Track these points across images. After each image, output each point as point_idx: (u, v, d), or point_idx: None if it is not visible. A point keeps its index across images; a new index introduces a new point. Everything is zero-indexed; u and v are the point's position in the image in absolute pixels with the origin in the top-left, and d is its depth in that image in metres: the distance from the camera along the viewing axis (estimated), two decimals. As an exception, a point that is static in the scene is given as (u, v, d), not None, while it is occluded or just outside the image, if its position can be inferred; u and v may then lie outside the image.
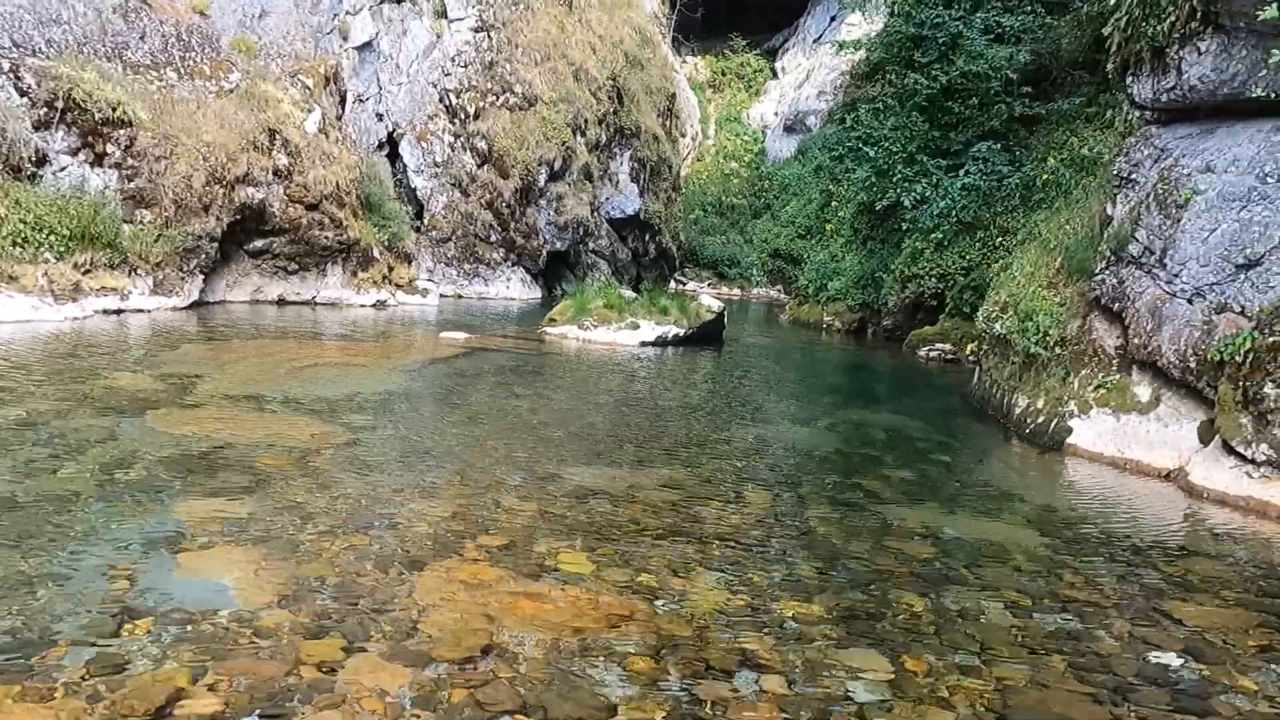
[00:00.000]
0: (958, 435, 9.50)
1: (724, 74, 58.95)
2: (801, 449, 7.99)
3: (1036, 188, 15.92)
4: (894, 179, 17.79)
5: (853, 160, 20.30)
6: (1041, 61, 18.95)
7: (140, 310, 12.90)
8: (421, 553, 4.37)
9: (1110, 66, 9.46)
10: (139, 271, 13.18)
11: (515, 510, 5.25)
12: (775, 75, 58.03)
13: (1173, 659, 3.90)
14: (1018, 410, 9.54)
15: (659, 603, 4.04)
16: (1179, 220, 7.91)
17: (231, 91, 15.40)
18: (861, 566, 4.83)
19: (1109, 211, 9.40)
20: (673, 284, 34.70)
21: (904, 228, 18.79)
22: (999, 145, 17.39)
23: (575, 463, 6.59)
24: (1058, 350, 9.29)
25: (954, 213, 16.80)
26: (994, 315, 10.81)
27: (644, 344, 14.79)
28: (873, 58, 25.01)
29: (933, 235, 17.66)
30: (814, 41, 53.59)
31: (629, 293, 17.48)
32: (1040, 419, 8.97)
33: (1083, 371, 8.84)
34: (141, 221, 13.37)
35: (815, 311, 24.33)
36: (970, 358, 15.96)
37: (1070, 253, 10.06)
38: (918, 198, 17.25)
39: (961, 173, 16.93)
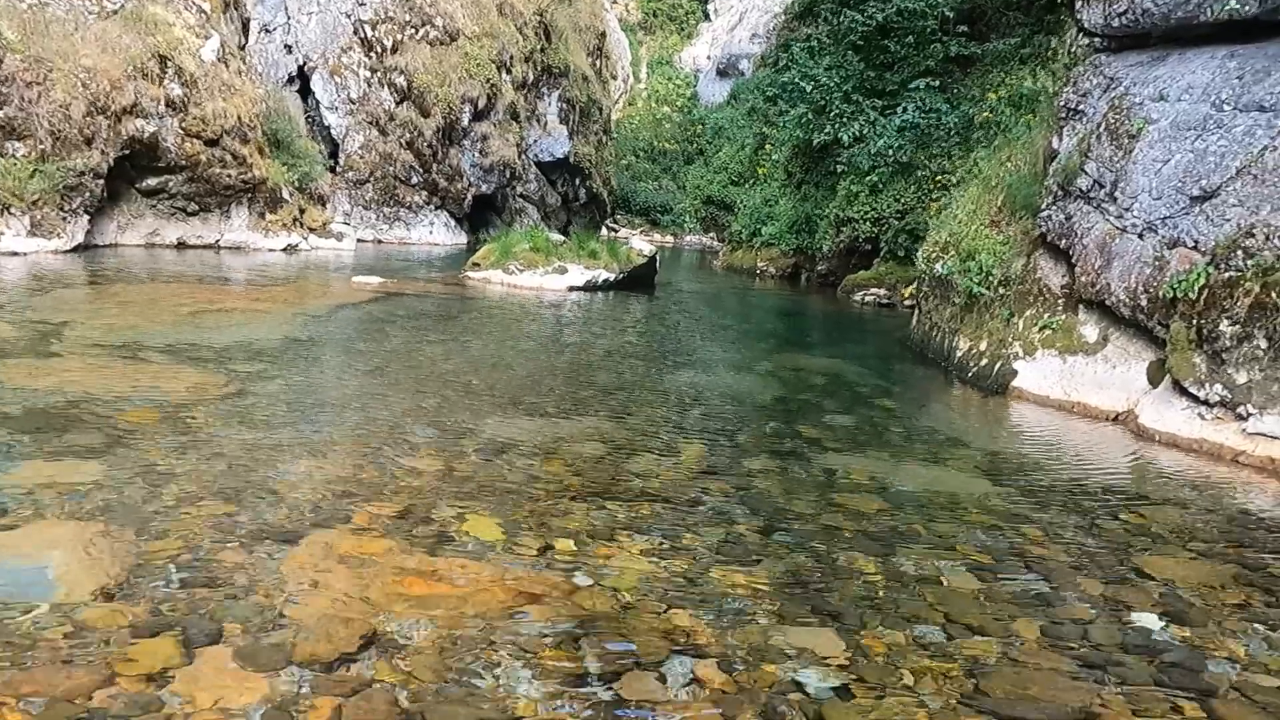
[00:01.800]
0: (898, 379, 9.13)
1: (655, 15, 57.69)
2: (738, 396, 7.48)
3: (975, 127, 15.57)
4: (831, 115, 17.25)
5: (788, 98, 19.71)
6: (977, 1, 18.56)
7: (14, 253, 11.72)
8: (299, 523, 3.72)
9: (1060, -10, 8.99)
10: (12, 210, 11.95)
11: (417, 469, 4.61)
12: (708, 17, 57.00)
13: (1153, 622, 3.50)
14: (959, 353, 9.19)
15: (578, 576, 3.47)
16: (1131, 151, 7.52)
17: (115, 13, 14.01)
18: (807, 525, 4.34)
19: (1054, 145, 9.00)
20: (604, 231, 33.92)
21: (839, 170, 18.36)
22: (936, 84, 16.98)
23: (491, 414, 5.97)
24: (1001, 290, 8.92)
25: (891, 153, 16.37)
26: (934, 256, 10.41)
27: (572, 289, 14.13)
28: (806, -4, 24.35)
29: (868, 178, 17.25)
30: (747, -18, 52.63)
31: (557, 236, 16.75)
32: (984, 362, 8.62)
33: (1027, 312, 8.49)
34: (13, 155, 12.10)
35: (749, 257, 23.89)
36: (906, 302, 15.69)
37: (1013, 190, 9.67)
38: (855, 135, 16.77)
39: (899, 110, 16.48)
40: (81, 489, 3.87)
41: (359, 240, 20.10)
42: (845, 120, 17.03)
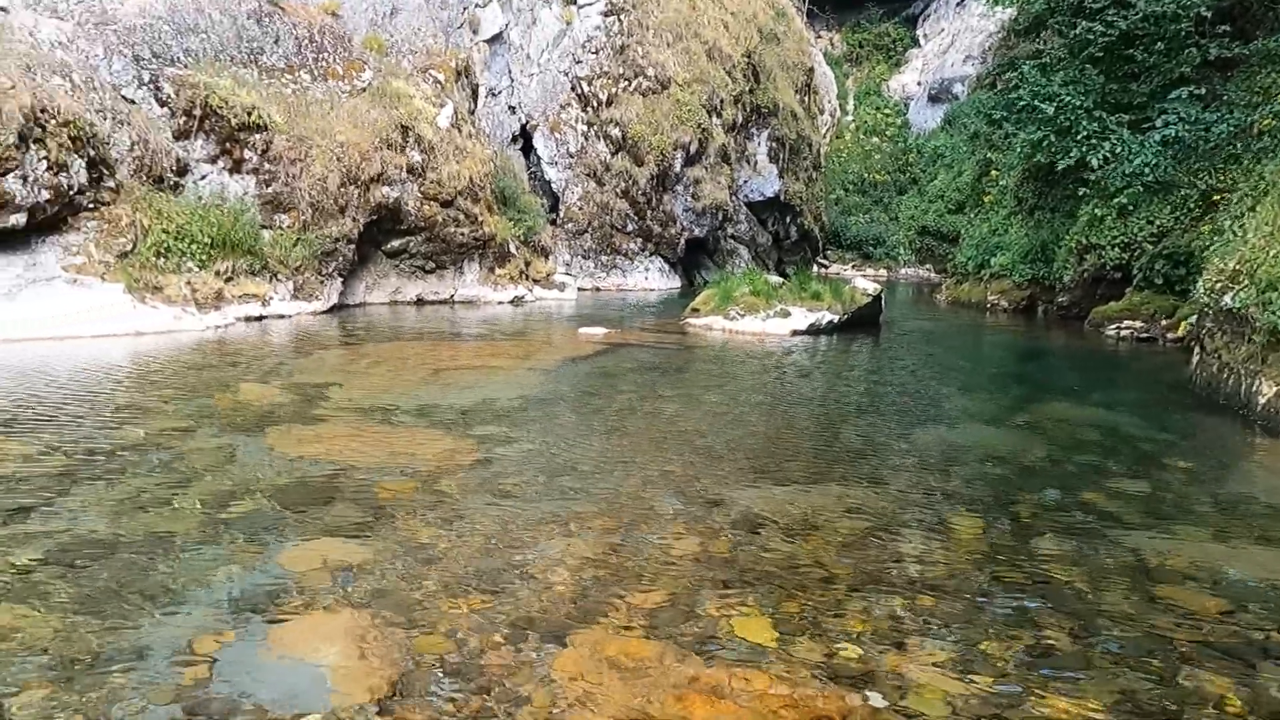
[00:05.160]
0: (1187, 432, 7.97)
1: (861, 46, 56.68)
2: (1001, 455, 6.73)
3: (1251, 136, 13.78)
4: (1077, 136, 15.86)
5: (1017, 121, 18.38)
6: (1237, -4, 16.62)
7: (281, 316, 12.78)
8: (562, 617, 3.51)
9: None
10: (279, 277, 13.07)
11: (672, 550, 4.33)
12: (917, 43, 55.30)
13: None
14: (1263, 399, 7.92)
15: (872, 694, 3.02)
16: None
17: (364, 90, 15.18)
18: (1129, 630, 3.66)
19: (1378, 155, 7.63)
20: (815, 267, 33.23)
21: (1080, 193, 16.88)
22: (1200, 92, 15.26)
23: (737, 481, 5.63)
24: (1316, 327, 7.62)
25: (1149, 171, 14.81)
26: (1220, 286, 9.13)
27: (795, 333, 13.67)
28: (1033, 9, 22.83)
29: (1115, 200, 15.71)
30: (958, 4, 50.61)
31: (775, 278, 16.37)
32: (1299, 412, 7.36)
33: (1356, 353, 7.17)
34: (280, 226, 13.27)
35: (977, 290, 22.45)
36: (1172, 336, 14.03)
37: (1322, 208, 8.31)
38: (1107, 155, 15.32)
39: (1159, 123, 14.91)
40: (349, 572, 3.87)
41: (579, 289, 20.63)
42: (1094, 140, 15.60)
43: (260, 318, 12.43)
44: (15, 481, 4.95)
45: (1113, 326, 15.43)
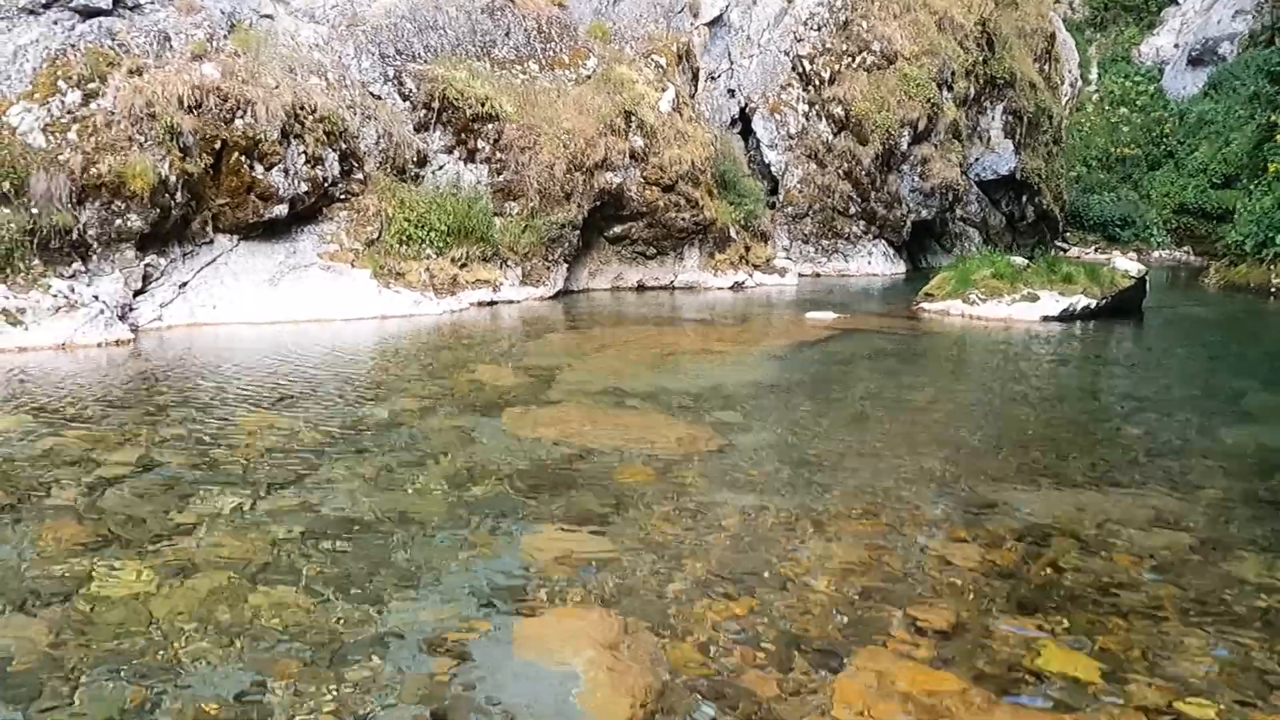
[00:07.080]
0: None
1: (1107, 8, 51.87)
2: (1337, 463, 5.58)
3: None
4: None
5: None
6: None
7: (510, 301, 13.06)
8: (831, 634, 3.05)
9: None
10: (508, 263, 13.37)
11: (949, 561, 3.76)
12: (1173, 0, 49.85)
13: None
14: None
15: (1250, 766, 2.36)
16: None
17: (588, 78, 15.27)
18: None
19: None
20: (1052, 251, 30.61)
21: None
22: None
23: (1010, 481, 4.93)
24: None
25: None
26: None
27: (1046, 318, 12.40)
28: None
29: None
30: (1229, -50, 45.08)
31: (1019, 260, 15.00)
32: None
33: None
34: (509, 214, 13.56)
35: (1256, 273, 19.73)
36: None
37: None
38: None
39: None
40: (591, 566, 3.60)
41: (799, 274, 19.95)
42: None
43: (491, 303, 12.76)
44: (277, 455, 5.11)
45: None
